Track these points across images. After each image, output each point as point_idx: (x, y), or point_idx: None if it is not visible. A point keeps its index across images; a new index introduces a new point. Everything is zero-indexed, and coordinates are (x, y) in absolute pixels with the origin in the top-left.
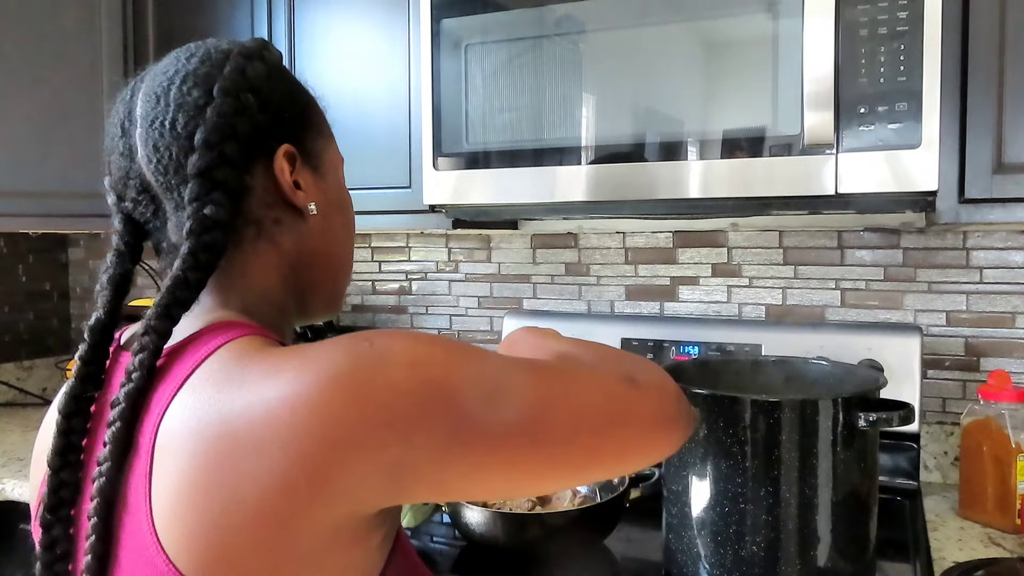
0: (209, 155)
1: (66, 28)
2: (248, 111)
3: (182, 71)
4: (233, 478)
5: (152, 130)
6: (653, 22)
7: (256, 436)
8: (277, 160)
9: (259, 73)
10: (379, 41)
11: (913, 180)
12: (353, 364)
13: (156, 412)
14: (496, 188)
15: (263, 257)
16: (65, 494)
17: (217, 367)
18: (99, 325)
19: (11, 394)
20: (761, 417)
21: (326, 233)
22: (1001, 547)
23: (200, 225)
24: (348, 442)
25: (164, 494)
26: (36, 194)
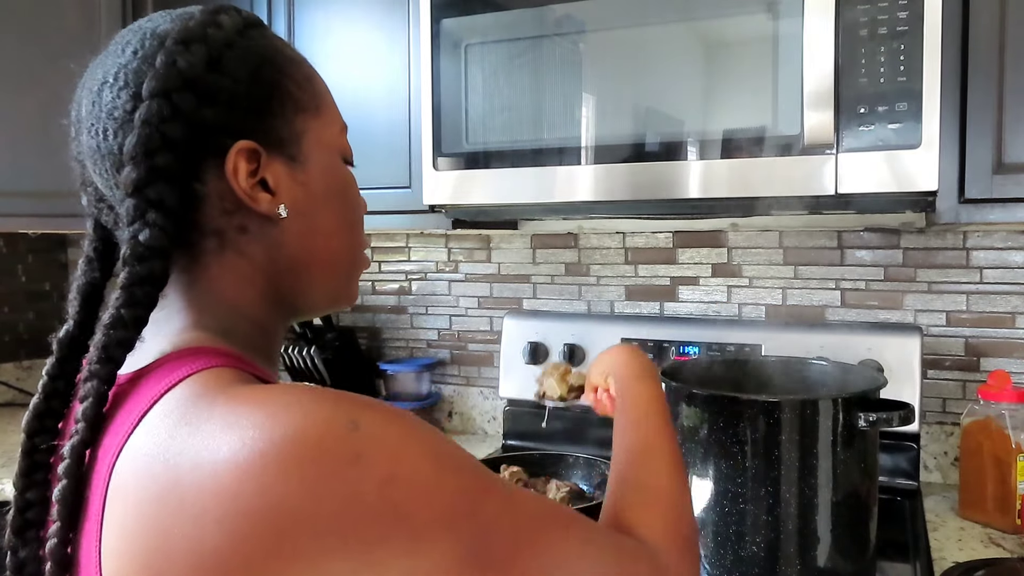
0: (137, 170)
1: (66, 28)
2: (181, 113)
3: (115, 65)
4: (173, 542)
5: (91, 138)
6: (653, 22)
7: (199, 501)
8: (228, 162)
9: (196, 62)
10: (379, 41)
11: (913, 180)
12: (321, 446)
13: (110, 454)
14: (496, 188)
15: (230, 270)
16: (32, 515)
17: (173, 406)
18: (67, 338)
19: (11, 394)
20: (761, 417)
21: (309, 232)
22: (1001, 547)
23: (132, 254)
24: (290, 537)
25: (113, 549)
26: (36, 194)
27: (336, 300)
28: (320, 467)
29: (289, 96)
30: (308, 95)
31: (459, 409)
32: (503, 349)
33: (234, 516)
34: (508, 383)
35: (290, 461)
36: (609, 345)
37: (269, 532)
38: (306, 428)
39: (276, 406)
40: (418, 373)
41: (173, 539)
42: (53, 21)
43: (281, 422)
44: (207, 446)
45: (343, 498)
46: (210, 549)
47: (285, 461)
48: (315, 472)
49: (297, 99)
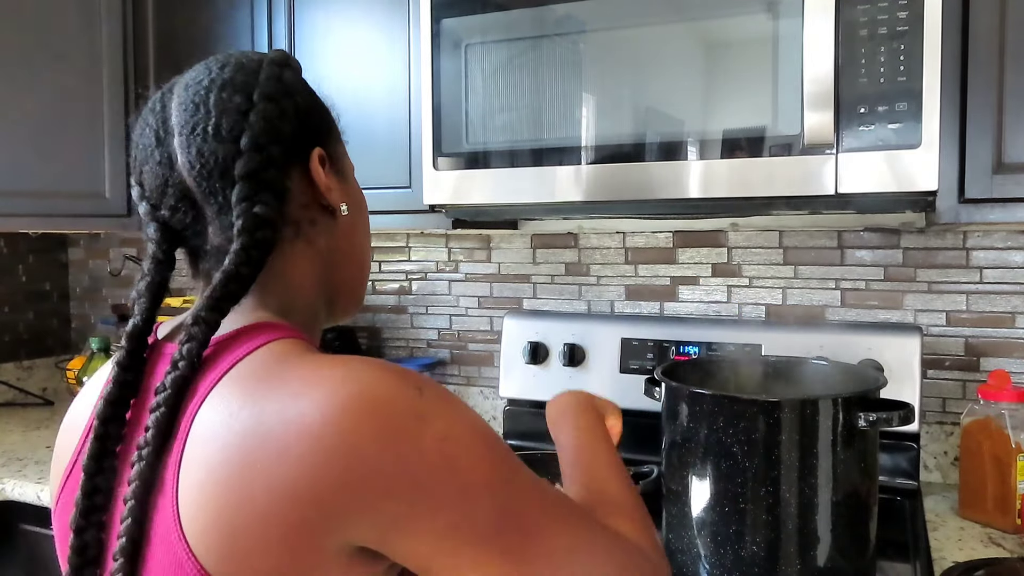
0: (257, 157)
1: (66, 28)
2: (287, 115)
3: (218, 80)
4: (251, 476)
5: (194, 137)
6: (653, 22)
7: (282, 441)
8: (313, 162)
9: (292, 79)
10: (379, 41)
11: (913, 180)
12: (394, 403)
13: (196, 400)
14: (496, 188)
15: (301, 256)
16: (99, 500)
17: (258, 365)
18: (136, 332)
19: (11, 394)
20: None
21: (353, 233)
22: (1001, 547)
23: (253, 223)
24: (359, 477)
25: (191, 483)
26: (36, 194)
27: (354, 302)
28: (391, 421)
29: (333, 124)
30: (338, 130)
31: None
32: (503, 349)
33: (314, 453)
34: (508, 383)
35: (367, 413)
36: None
37: (342, 470)
38: (381, 388)
39: (354, 367)
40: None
41: (254, 472)
42: (53, 21)
43: (360, 381)
44: (292, 396)
45: (407, 448)
46: (289, 481)
47: (363, 412)
48: (387, 424)
49: (336, 129)
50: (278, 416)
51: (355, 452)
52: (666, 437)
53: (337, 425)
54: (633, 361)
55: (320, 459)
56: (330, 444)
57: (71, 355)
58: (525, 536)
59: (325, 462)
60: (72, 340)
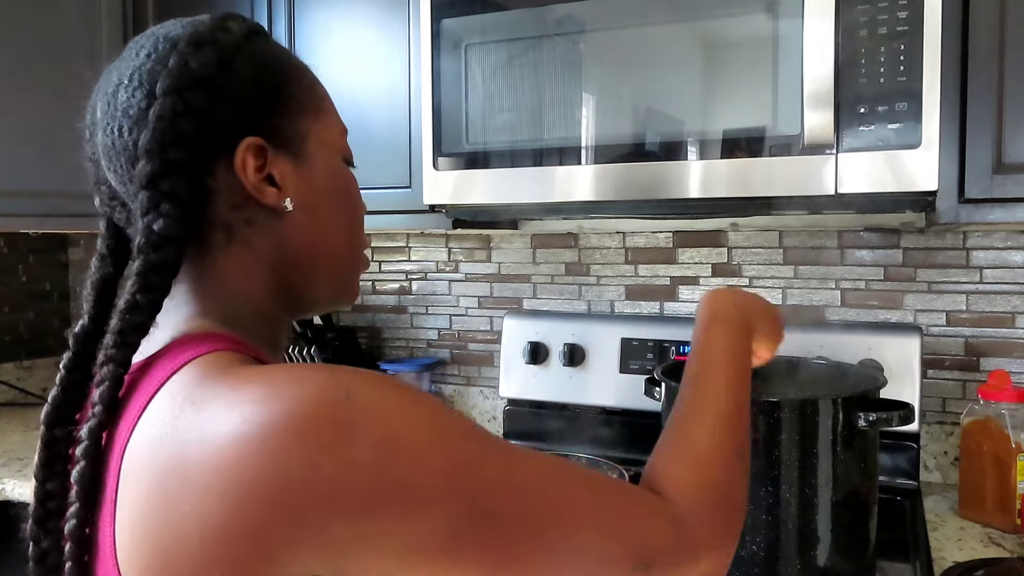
0: (152, 164)
1: (66, 28)
2: (194, 110)
3: (129, 68)
4: (179, 519)
5: (106, 137)
6: (653, 22)
7: (203, 475)
8: (237, 157)
9: (207, 62)
10: (379, 41)
11: (913, 180)
12: (316, 417)
13: (123, 437)
14: (496, 188)
15: (236, 262)
16: (52, 505)
17: (179, 388)
18: (83, 333)
19: (11, 394)
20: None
21: (312, 227)
22: (1001, 547)
23: (147, 243)
24: (290, 506)
25: (125, 525)
26: (36, 194)
27: (337, 297)
28: (316, 436)
29: (292, 98)
30: (310, 98)
31: (459, 409)
32: (503, 349)
33: (237, 489)
34: (508, 383)
35: (287, 432)
36: (609, 345)
37: (271, 502)
38: (302, 400)
39: (274, 382)
40: (418, 373)
41: (181, 514)
42: (53, 21)
43: (278, 397)
44: (210, 423)
45: (339, 464)
46: (216, 522)
47: (283, 433)
48: (311, 441)
49: (300, 101)
50: (197, 451)
51: (281, 479)
52: None
53: (256, 454)
54: (633, 361)
55: (244, 495)
56: (253, 476)
57: None
58: (499, 536)
59: (251, 497)
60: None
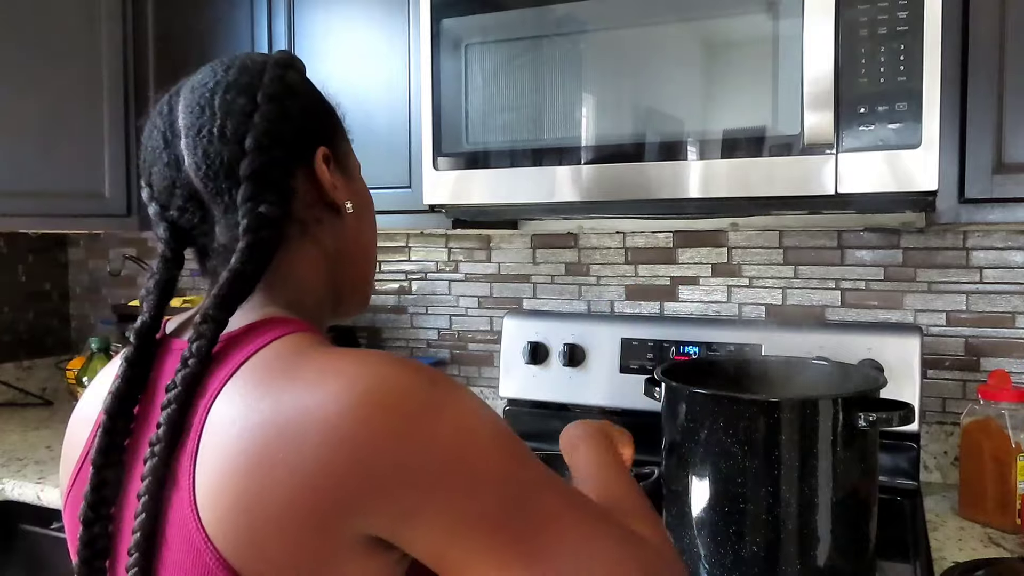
0: (261, 158)
1: (66, 28)
2: (290, 116)
3: (223, 82)
4: (270, 465)
5: (200, 139)
6: (653, 22)
7: (300, 430)
8: (318, 162)
9: (296, 80)
10: (379, 41)
11: (913, 180)
12: (408, 396)
13: (209, 395)
14: (496, 188)
15: (307, 255)
16: (107, 492)
17: (273, 358)
18: (144, 328)
19: (11, 394)
20: (761, 417)
21: (359, 231)
22: (1001, 547)
23: (256, 222)
24: (374, 468)
25: (208, 472)
26: (36, 194)
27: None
28: (406, 413)
29: (339, 124)
30: (344, 128)
31: None
32: (503, 349)
33: (331, 443)
34: (508, 383)
35: (383, 405)
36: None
37: (358, 460)
38: (396, 380)
39: (369, 360)
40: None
41: (273, 461)
42: (53, 22)
43: (376, 375)
44: (309, 388)
45: (421, 440)
46: (307, 470)
47: (379, 404)
48: (402, 416)
49: (342, 129)
50: (296, 407)
51: (371, 443)
52: (666, 437)
53: (354, 416)
54: (633, 361)
55: (337, 449)
56: (347, 434)
57: (71, 355)
58: (538, 527)
59: (342, 451)
60: (72, 340)
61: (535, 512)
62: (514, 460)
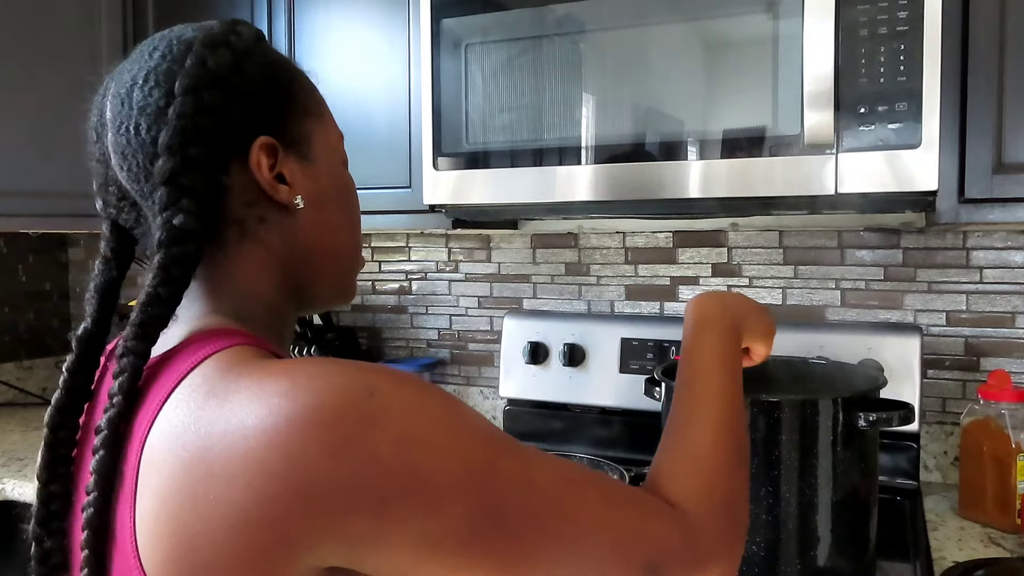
0: (172, 160)
1: (66, 28)
2: (212, 108)
3: (144, 69)
4: (203, 508)
5: (120, 136)
6: (653, 22)
7: (229, 465)
8: (252, 155)
9: (223, 63)
10: (379, 41)
11: (913, 180)
12: (340, 412)
13: (142, 429)
14: (496, 188)
15: (250, 258)
16: (55, 507)
17: (201, 381)
18: (86, 335)
19: (11, 394)
20: (761, 417)
21: (320, 225)
22: (1001, 547)
23: (169, 236)
24: (312, 497)
25: (147, 515)
26: (36, 194)
27: (339, 294)
28: (340, 430)
29: (298, 100)
30: (313, 102)
31: None
32: (503, 349)
33: (263, 477)
34: (508, 383)
35: (313, 426)
36: (609, 345)
37: (295, 491)
38: (326, 395)
39: (299, 376)
40: (418, 373)
41: (205, 502)
42: (53, 21)
43: (304, 390)
44: (235, 415)
45: (361, 458)
46: (240, 509)
47: (309, 425)
48: (336, 435)
49: (304, 104)
50: (222, 442)
51: (305, 471)
52: None
53: (283, 446)
54: (633, 361)
55: (270, 484)
56: (278, 467)
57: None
58: (515, 535)
59: (275, 486)
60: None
61: (510, 518)
62: (477, 465)
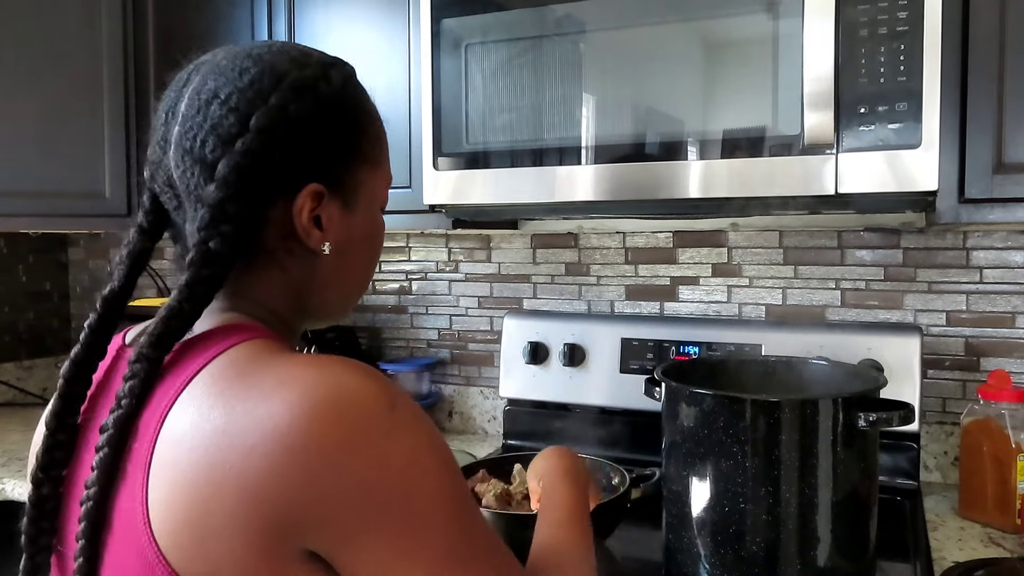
0: (225, 191)
1: (66, 28)
2: (278, 151)
3: (229, 85)
4: (221, 475)
5: (185, 138)
6: (653, 22)
7: (250, 439)
8: (299, 200)
9: (303, 112)
10: (379, 41)
11: (913, 180)
12: (365, 414)
13: (165, 404)
14: (496, 188)
15: (272, 280)
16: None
17: (229, 365)
18: (111, 295)
19: (11, 394)
20: (761, 417)
21: (340, 266)
22: (1001, 547)
23: (202, 258)
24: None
25: (161, 483)
26: (36, 194)
27: (339, 315)
28: (361, 431)
29: (360, 150)
30: (374, 150)
31: (459, 409)
32: (503, 349)
33: (280, 452)
34: (508, 383)
35: (337, 418)
36: (609, 345)
37: (306, 470)
38: (355, 394)
39: (328, 372)
40: (418, 373)
41: (223, 471)
42: (53, 21)
43: (334, 385)
44: (263, 395)
45: (372, 463)
46: (256, 480)
47: (333, 417)
48: (356, 434)
49: (365, 153)
50: (248, 415)
51: (320, 456)
52: (666, 437)
53: (305, 427)
54: (633, 361)
55: (286, 458)
56: (296, 444)
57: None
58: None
59: (290, 461)
60: (72, 340)
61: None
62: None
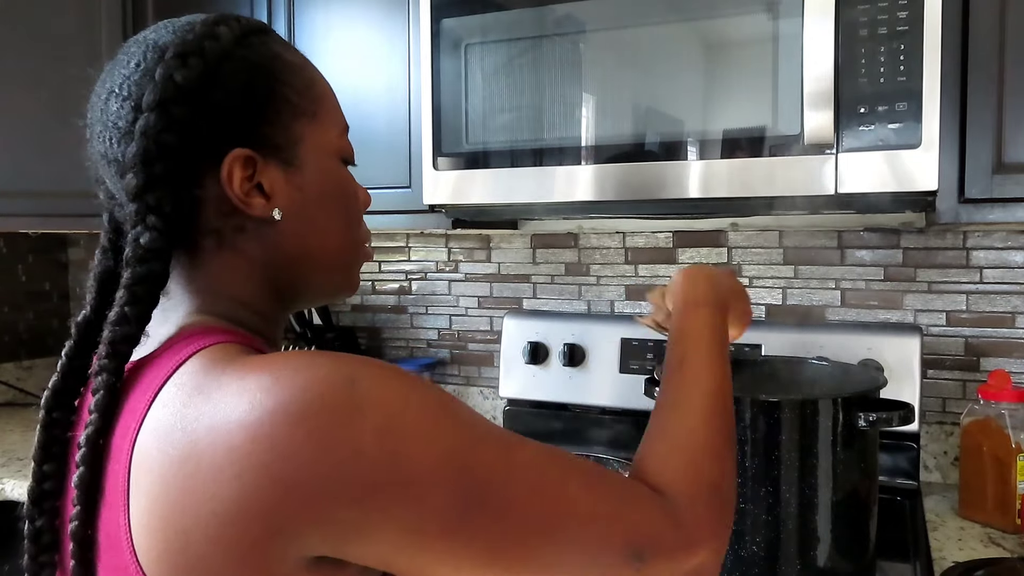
0: (138, 178)
1: (66, 28)
2: (178, 124)
3: (119, 77)
4: (195, 503)
5: (99, 144)
6: (653, 22)
7: (216, 460)
8: (224, 169)
9: (193, 76)
10: (379, 41)
11: (913, 180)
12: (322, 403)
13: (131, 431)
14: (496, 188)
15: (229, 266)
16: (48, 486)
17: (186, 379)
18: (84, 322)
19: (11, 394)
20: (761, 417)
21: (304, 231)
22: (1001, 547)
23: (134, 255)
24: (298, 488)
25: (141, 514)
26: (36, 194)
27: (337, 291)
28: (322, 421)
29: (286, 103)
30: (307, 100)
31: None
32: (503, 349)
33: (249, 471)
34: (508, 383)
35: (296, 417)
36: (609, 345)
37: (281, 482)
38: (309, 387)
39: (281, 370)
40: (418, 373)
41: (195, 497)
42: (53, 21)
43: (287, 384)
44: (220, 411)
45: (344, 448)
46: (230, 502)
47: (292, 418)
48: (319, 426)
49: (295, 105)
50: (208, 437)
51: (290, 462)
52: None
53: (267, 438)
54: (633, 361)
55: (256, 476)
56: (263, 460)
57: None
58: (498, 518)
59: (262, 478)
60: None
61: (493, 505)
62: (458, 451)
